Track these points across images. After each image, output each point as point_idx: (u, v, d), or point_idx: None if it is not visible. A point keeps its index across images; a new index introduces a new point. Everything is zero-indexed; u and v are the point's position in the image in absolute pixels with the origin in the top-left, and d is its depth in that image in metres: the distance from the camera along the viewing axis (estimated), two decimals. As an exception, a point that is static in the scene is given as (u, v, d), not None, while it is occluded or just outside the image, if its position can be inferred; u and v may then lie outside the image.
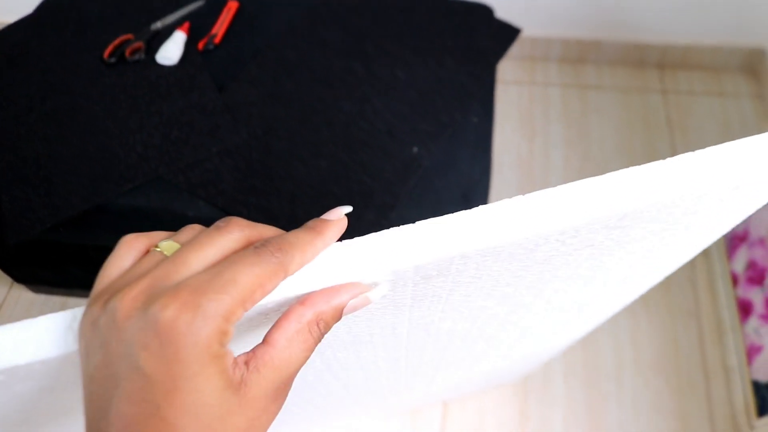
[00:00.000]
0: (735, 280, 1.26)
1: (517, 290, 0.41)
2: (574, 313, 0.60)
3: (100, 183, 0.97)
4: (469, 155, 0.98)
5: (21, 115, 1.05)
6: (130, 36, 1.13)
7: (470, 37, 1.13)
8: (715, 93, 1.70)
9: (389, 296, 0.34)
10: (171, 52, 1.09)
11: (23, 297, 1.41)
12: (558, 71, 1.77)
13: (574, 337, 0.81)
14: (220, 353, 0.25)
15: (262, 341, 0.28)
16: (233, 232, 0.29)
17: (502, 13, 1.68)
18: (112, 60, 1.10)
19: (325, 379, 0.60)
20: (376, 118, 1.01)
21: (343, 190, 0.94)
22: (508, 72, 1.77)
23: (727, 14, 1.62)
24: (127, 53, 1.10)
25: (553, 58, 1.79)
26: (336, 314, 0.29)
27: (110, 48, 1.11)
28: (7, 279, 1.43)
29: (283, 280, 0.28)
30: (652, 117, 1.65)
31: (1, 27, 1.87)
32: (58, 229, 0.98)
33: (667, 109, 1.66)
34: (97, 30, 1.17)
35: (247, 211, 0.93)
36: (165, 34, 1.14)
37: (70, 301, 1.40)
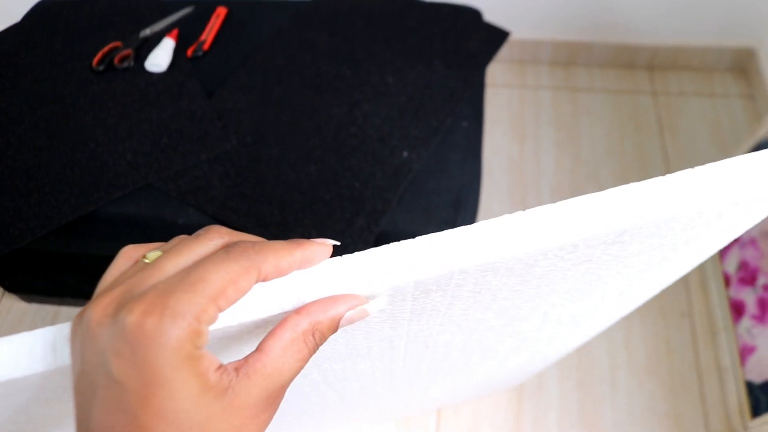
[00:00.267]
0: (727, 281, 1.26)
1: (515, 304, 0.42)
2: (571, 326, 0.60)
3: (90, 191, 0.97)
4: (459, 159, 0.98)
5: (10, 125, 1.05)
6: (118, 43, 1.13)
7: (459, 41, 1.13)
8: (705, 93, 1.70)
9: (388, 310, 0.34)
10: (160, 59, 1.09)
11: (15, 306, 1.40)
12: (548, 74, 1.77)
13: (569, 348, 0.81)
14: (194, 355, 0.24)
15: (256, 349, 0.28)
16: (213, 239, 0.29)
17: (491, 16, 1.68)
18: (101, 68, 1.09)
19: (320, 390, 0.60)
20: (366, 123, 1.01)
21: (334, 195, 0.94)
22: (498, 75, 1.77)
23: (716, 15, 1.63)
24: (116, 61, 1.10)
25: (543, 61, 1.80)
26: (332, 325, 0.29)
27: (99, 56, 1.10)
28: (-1, 289, 1.42)
29: (259, 281, 0.27)
30: (642, 118, 1.65)
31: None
32: (48, 238, 0.98)
33: (658, 111, 1.67)
34: (85, 38, 1.17)
35: (237, 217, 0.92)
36: (154, 41, 1.14)
37: (63, 310, 1.40)
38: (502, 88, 1.74)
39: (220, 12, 1.18)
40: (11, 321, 1.38)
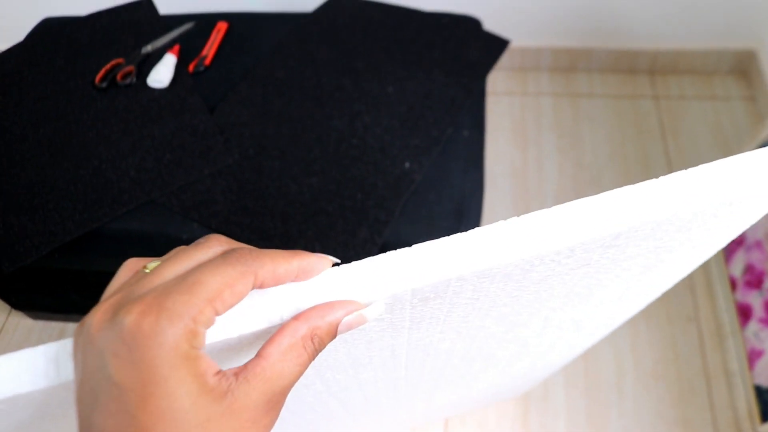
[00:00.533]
0: (733, 284, 1.26)
1: (514, 310, 0.41)
2: (572, 331, 0.60)
3: (94, 208, 0.97)
4: (461, 169, 0.98)
5: (14, 143, 1.06)
6: (120, 60, 1.14)
7: (459, 50, 1.14)
8: (707, 97, 1.70)
9: (387, 319, 0.34)
10: (162, 75, 1.10)
11: (22, 323, 1.41)
12: (549, 80, 1.77)
13: (573, 354, 0.81)
14: (191, 355, 0.25)
15: (255, 355, 0.28)
16: (213, 246, 0.29)
17: (491, 24, 1.69)
18: (104, 85, 1.10)
19: (324, 400, 0.60)
20: (367, 134, 1.02)
21: (336, 207, 0.94)
22: (499, 83, 1.78)
23: (716, 17, 1.63)
24: (119, 77, 1.11)
25: (543, 68, 1.80)
26: (331, 330, 0.29)
27: (101, 73, 1.11)
28: (5, 306, 1.43)
29: (255, 286, 0.27)
30: (644, 123, 1.65)
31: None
32: (53, 256, 0.98)
33: (659, 115, 1.67)
34: (87, 55, 1.18)
35: (241, 231, 0.93)
36: (155, 57, 1.15)
37: (69, 327, 1.40)
38: (504, 95, 1.74)
39: (221, 27, 1.19)
40: (18, 338, 1.39)
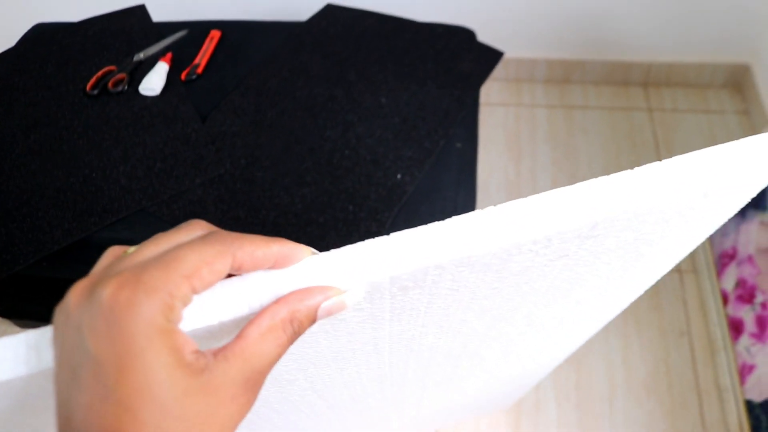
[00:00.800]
0: (725, 299, 1.25)
1: (495, 303, 0.42)
2: (556, 330, 0.60)
3: (84, 217, 0.96)
4: (453, 181, 0.98)
5: (4, 150, 1.05)
6: (112, 67, 1.13)
7: (453, 62, 1.13)
8: (701, 110, 1.71)
9: (368, 309, 0.34)
10: (154, 82, 1.09)
11: (9, 332, 1.39)
12: (543, 92, 1.78)
13: (559, 355, 0.81)
14: (168, 328, 0.25)
15: (235, 336, 0.28)
16: (194, 230, 0.29)
17: (485, 35, 1.69)
18: (95, 92, 1.09)
19: (309, 399, 0.60)
20: (360, 145, 1.01)
21: (328, 218, 0.93)
22: (493, 94, 1.78)
23: (710, 31, 1.64)
24: (110, 85, 1.10)
25: (538, 79, 1.80)
26: (310, 314, 0.29)
27: (93, 80, 1.11)
28: (-7, 313, 1.41)
29: (234, 267, 0.28)
30: (638, 135, 1.66)
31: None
32: (41, 264, 0.97)
33: (653, 127, 1.67)
34: (79, 62, 1.17)
35: (231, 242, 0.92)
36: (148, 64, 1.14)
37: (57, 334, 1.39)
38: (498, 106, 1.74)
39: (214, 35, 1.19)
40: (6, 345, 1.38)
